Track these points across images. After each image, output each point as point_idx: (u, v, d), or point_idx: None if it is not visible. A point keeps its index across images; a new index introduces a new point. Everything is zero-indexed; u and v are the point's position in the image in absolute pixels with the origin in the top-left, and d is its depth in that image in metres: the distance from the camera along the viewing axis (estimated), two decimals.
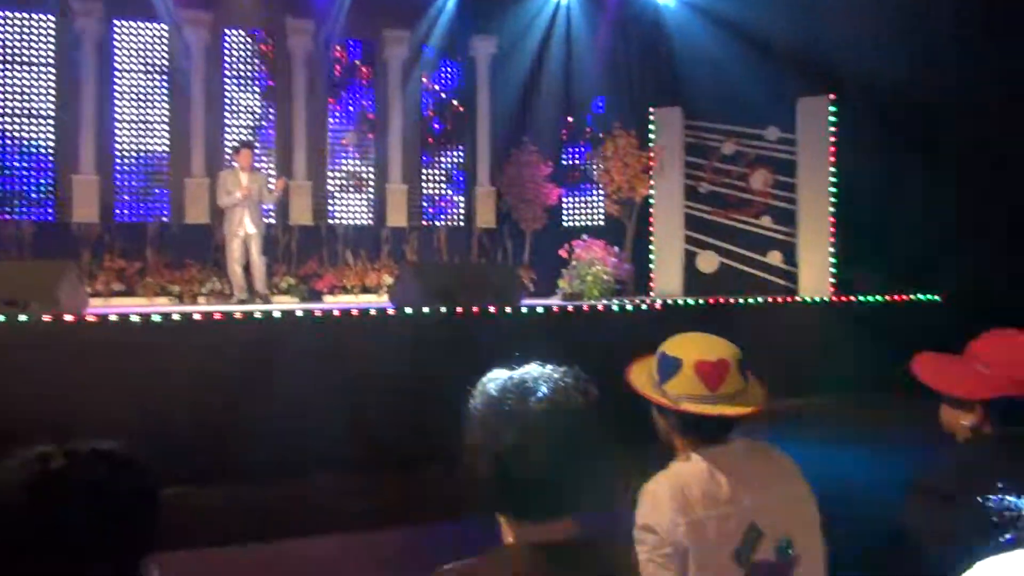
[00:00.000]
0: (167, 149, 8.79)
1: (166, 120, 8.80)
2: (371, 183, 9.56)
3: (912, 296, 8.07)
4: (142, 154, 8.74)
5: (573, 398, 1.48)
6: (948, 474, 2.00)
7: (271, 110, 9.23)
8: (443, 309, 5.36)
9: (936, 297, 8.06)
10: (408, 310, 5.35)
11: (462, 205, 9.87)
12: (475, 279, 6.25)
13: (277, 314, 5.33)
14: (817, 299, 8.04)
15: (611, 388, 1.79)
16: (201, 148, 8.68)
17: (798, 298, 8.10)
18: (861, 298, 7.98)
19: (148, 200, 8.71)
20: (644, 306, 6.44)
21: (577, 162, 10.02)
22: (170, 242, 8.46)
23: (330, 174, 9.51)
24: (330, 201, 9.44)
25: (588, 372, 1.60)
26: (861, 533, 2.11)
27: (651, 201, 8.94)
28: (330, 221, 9.31)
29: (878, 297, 8.00)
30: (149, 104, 8.77)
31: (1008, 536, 0.47)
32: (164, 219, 8.66)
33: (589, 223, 9.70)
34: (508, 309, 5.62)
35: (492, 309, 5.52)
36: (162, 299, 7.96)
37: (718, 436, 1.98)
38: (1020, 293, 7.39)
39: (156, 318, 5.06)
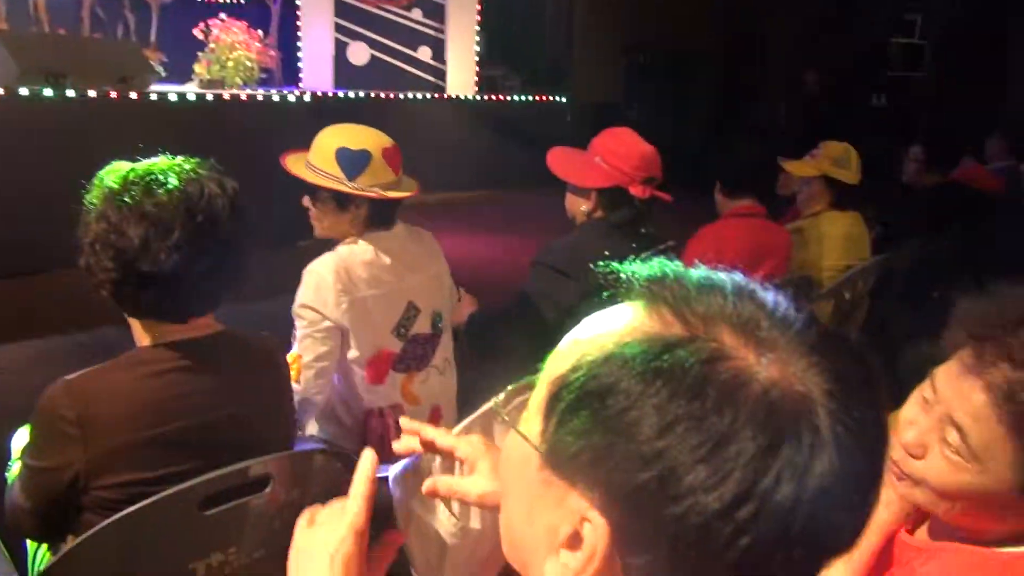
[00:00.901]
0: None
1: None
2: None
3: (547, 97, 8.74)
4: None
5: (208, 190, 1.36)
6: (565, 252, 2.30)
7: None
8: (49, 92, 4.53)
9: (563, 99, 8.82)
10: (0, 91, 4.43)
11: None
12: (90, 57, 5.32)
13: None
14: (463, 96, 8.32)
15: (257, 184, 1.69)
16: None
17: (446, 95, 8.31)
18: (502, 97, 8.44)
19: None
20: (292, 98, 6.11)
21: None
22: None
23: None
24: None
25: (231, 166, 1.48)
26: (497, 300, 2.37)
27: None
28: None
29: (518, 97, 8.53)
30: None
31: (610, 297, 0.56)
32: None
33: (228, 0, 8.69)
34: (134, 95, 4.93)
35: (114, 94, 4.80)
36: None
37: (393, 220, 2.04)
38: (631, 100, 8.40)
39: None
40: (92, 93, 4.68)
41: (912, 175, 4.16)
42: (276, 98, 6.09)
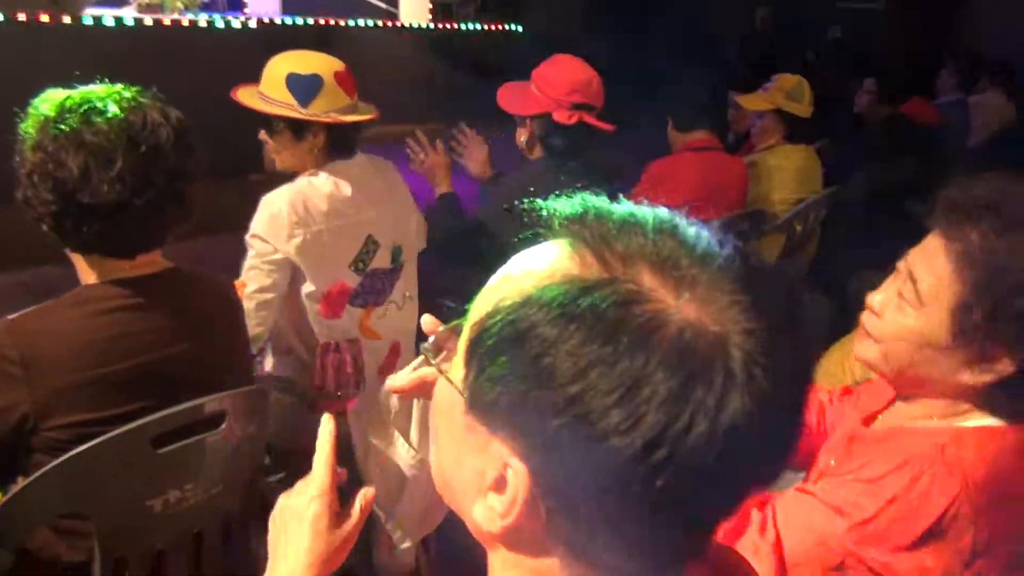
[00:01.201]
0: None
1: None
2: None
3: (503, 26, 8.55)
4: None
5: (150, 119, 1.31)
6: (513, 188, 2.26)
7: None
8: None
9: (520, 28, 8.64)
10: None
11: None
12: None
13: None
14: (416, 24, 8.08)
15: (202, 114, 1.62)
16: None
17: (398, 23, 8.06)
18: (457, 25, 8.22)
19: None
20: (237, 24, 5.86)
21: None
22: None
23: None
24: None
25: (173, 96, 1.42)
26: (454, 233, 2.35)
27: None
28: None
29: (473, 25, 8.32)
30: None
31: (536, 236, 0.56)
32: None
33: None
34: (68, 19, 4.68)
35: (46, 18, 4.55)
36: None
37: (353, 148, 2.00)
38: (587, 27, 8.26)
39: None
40: (21, 17, 4.43)
41: (865, 107, 4.20)
42: (220, 24, 5.84)
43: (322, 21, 7.07)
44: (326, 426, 0.79)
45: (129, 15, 5.35)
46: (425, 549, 1.89)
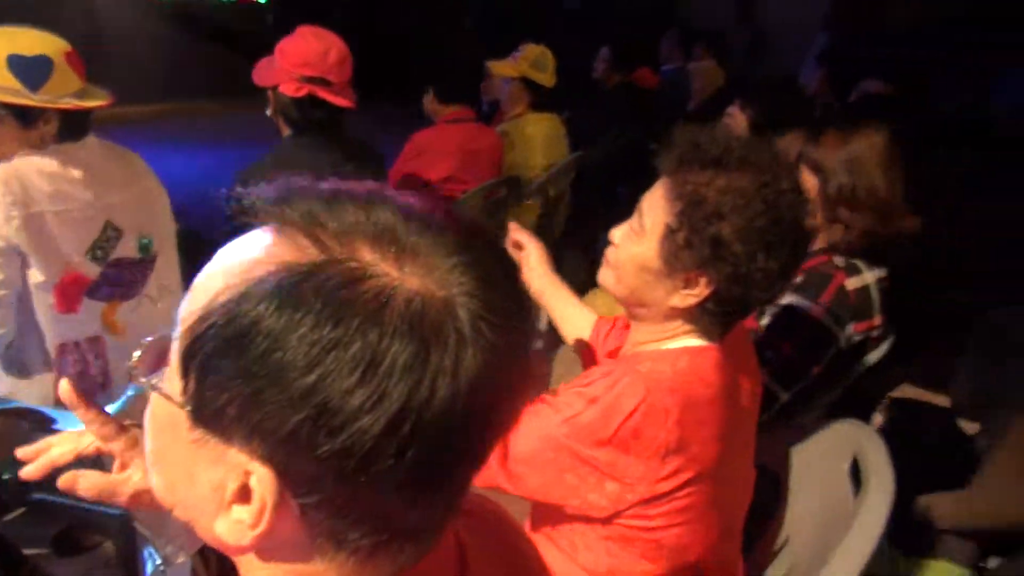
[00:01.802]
0: None
1: None
2: None
3: None
4: None
5: None
6: (256, 174, 2.17)
7: None
8: None
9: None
10: None
11: None
12: None
13: None
14: None
15: None
16: None
17: None
18: None
19: None
20: None
21: None
22: None
23: None
24: None
25: None
26: (211, 219, 2.20)
27: None
28: None
29: None
30: None
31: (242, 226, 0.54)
32: None
33: None
34: None
35: None
36: None
37: (86, 132, 1.81)
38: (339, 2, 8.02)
39: None
40: None
41: (600, 75, 4.48)
42: None
43: None
44: None
45: None
46: (204, 561, 1.79)
